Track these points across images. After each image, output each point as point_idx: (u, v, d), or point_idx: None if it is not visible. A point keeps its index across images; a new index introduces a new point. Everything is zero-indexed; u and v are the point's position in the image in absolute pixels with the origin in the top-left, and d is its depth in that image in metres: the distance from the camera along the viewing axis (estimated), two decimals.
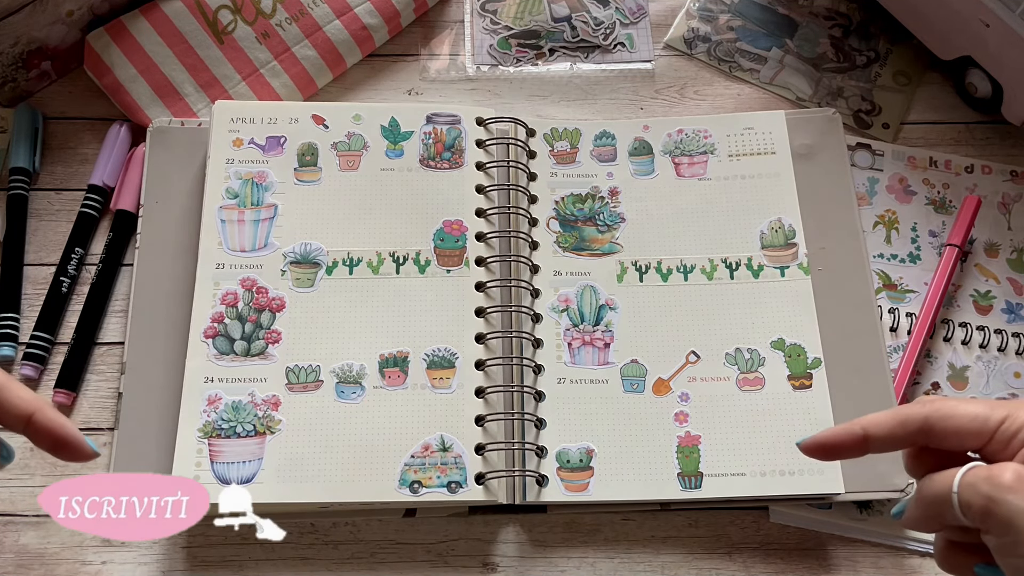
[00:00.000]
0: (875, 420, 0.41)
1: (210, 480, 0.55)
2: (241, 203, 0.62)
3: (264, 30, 0.69)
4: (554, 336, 0.61)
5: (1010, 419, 0.39)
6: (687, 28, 0.75)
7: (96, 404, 0.61)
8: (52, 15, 0.65)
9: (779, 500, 0.58)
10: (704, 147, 0.67)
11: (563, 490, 0.57)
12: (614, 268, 0.63)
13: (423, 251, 0.62)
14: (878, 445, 0.41)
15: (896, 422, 0.41)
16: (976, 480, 0.37)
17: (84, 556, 0.57)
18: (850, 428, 0.42)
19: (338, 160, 0.64)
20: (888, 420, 0.41)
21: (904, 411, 0.41)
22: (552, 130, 0.67)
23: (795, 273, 0.63)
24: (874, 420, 0.41)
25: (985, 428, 0.39)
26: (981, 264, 0.66)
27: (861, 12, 0.75)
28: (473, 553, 0.58)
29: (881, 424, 0.41)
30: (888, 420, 0.41)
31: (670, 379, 0.60)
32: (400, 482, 0.56)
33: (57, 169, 0.68)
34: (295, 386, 0.58)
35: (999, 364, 0.63)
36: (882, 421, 0.41)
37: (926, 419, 0.40)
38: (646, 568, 0.58)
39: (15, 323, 0.62)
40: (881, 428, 0.41)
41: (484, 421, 0.58)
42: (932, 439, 0.40)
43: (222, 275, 0.61)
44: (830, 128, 0.67)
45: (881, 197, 0.68)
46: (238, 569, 0.57)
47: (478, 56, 0.73)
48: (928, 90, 0.73)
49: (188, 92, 0.67)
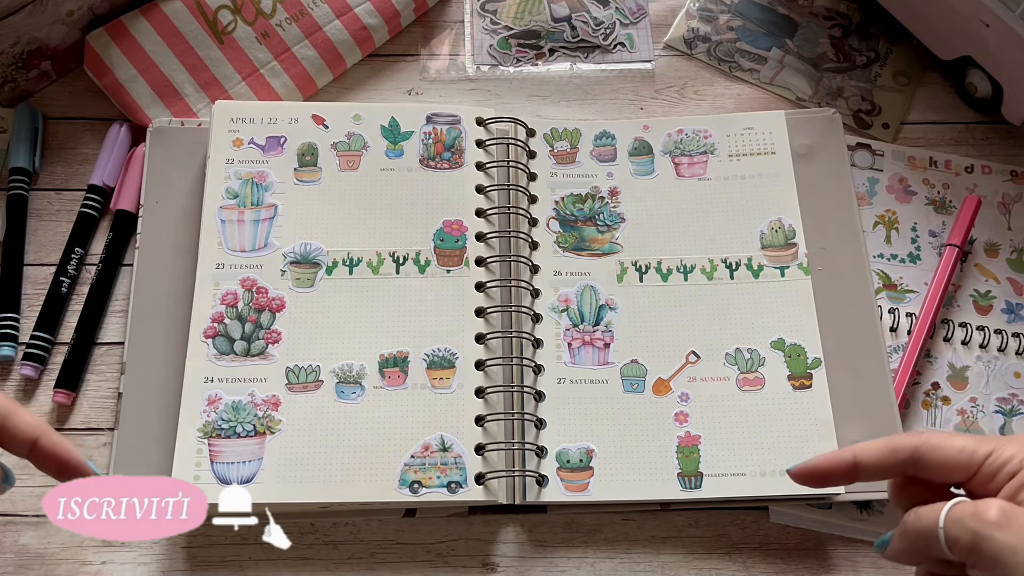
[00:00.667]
0: (866, 448, 0.42)
1: (210, 480, 0.55)
2: (241, 203, 0.62)
3: (264, 30, 0.69)
4: (554, 336, 0.61)
5: (995, 454, 0.40)
6: (687, 28, 0.74)
7: (96, 404, 0.61)
8: (52, 15, 0.65)
9: (779, 500, 0.58)
10: (704, 147, 0.67)
11: (563, 490, 0.57)
12: (614, 268, 0.63)
13: (423, 251, 0.62)
14: (868, 473, 0.42)
15: (887, 450, 0.42)
16: (963, 516, 0.38)
17: (84, 556, 0.57)
18: (840, 455, 0.43)
19: (338, 160, 0.64)
20: (878, 448, 0.42)
21: (894, 440, 0.42)
22: (552, 130, 0.67)
23: (795, 273, 0.63)
24: (865, 448, 0.42)
25: (971, 462, 0.40)
26: (981, 264, 0.66)
27: (861, 12, 0.75)
28: (473, 553, 0.58)
29: (871, 452, 0.42)
30: (878, 448, 0.42)
31: (670, 379, 0.60)
32: (400, 482, 0.56)
33: (57, 169, 0.68)
34: (295, 386, 0.58)
35: (999, 364, 0.63)
36: (872, 449, 0.42)
37: (916, 448, 0.41)
38: (646, 568, 0.58)
39: (15, 323, 0.62)
40: (871, 456, 0.42)
41: (484, 421, 0.58)
42: (920, 469, 0.41)
43: (222, 275, 0.61)
44: (830, 128, 0.67)
45: (881, 197, 0.68)
46: (238, 569, 0.57)
47: (478, 56, 0.73)
48: (928, 90, 0.73)
49: (188, 92, 0.67)
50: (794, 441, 0.58)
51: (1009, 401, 0.62)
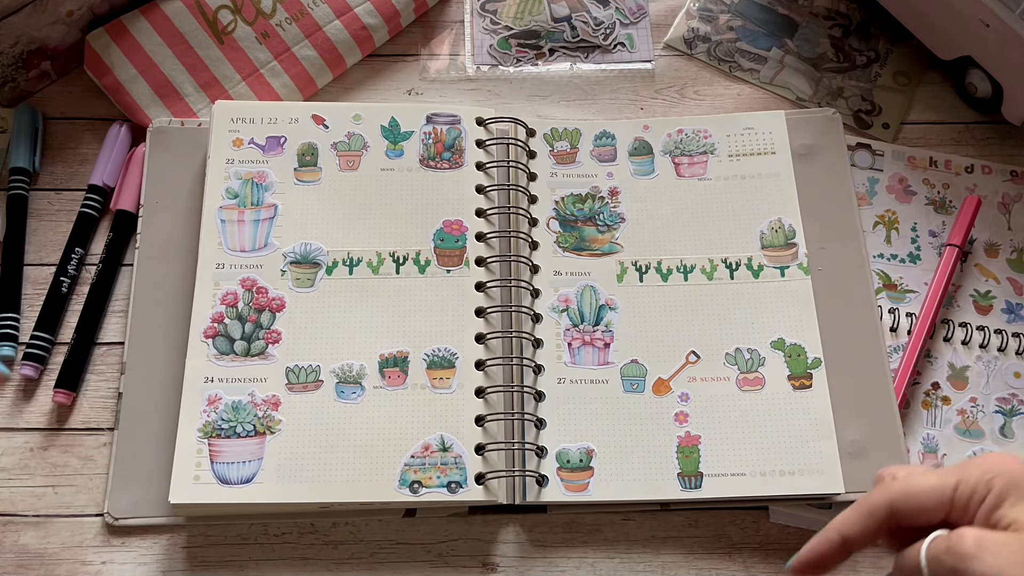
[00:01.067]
0: (845, 521, 0.42)
1: (210, 480, 0.55)
2: (241, 203, 0.62)
3: (264, 30, 0.69)
4: (554, 336, 0.61)
5: (962, 484, 0.40)
6: (687, 28, 0.75)
7: (96, 404, 0.61)
8: (52, 15, 0.65)
9: (779, 500, 0.58)
10: (704, 147, 0.67)
11: (563, 490, 0.57)
12: (614, 268, 0.63)
13: (423, 251, 0.62)
14: (859, 543, 0.42)
15: (864, 516, 0.41)
16: (939, 553, 0.39)
17: (84, 556, 0.57)
18: (826, 537, 0.42)
19: (338, 160, 0.64)
20: (857, 517, 0.42)
21: (868, 503, 0.41)
22: (552, 130, 0.67)
23: (795, 273, 0.63)
24: (845, 522, 0.42)
25: (943, 498, 0.40)
26: (981, 264, 0.66)
27: (861, 12, 0.75)
28: (473, 553, 0.58)
29: (852, 523, 0.42)
30: (857, 517, 0.42)
31: (670, 379, 0.60)
32: (400, 482, 0.56)
33: (57, 169, 0.68)
34: (295, 386, 0.58)
35: (999, 364, 0.63)
36: (852, 520, 0.42)
37: (890, 504, 0.41)
38: (646, 568, 0.58)
39: (15, 323, 0.62)
40: (854, 527, 0.42)
41: (484, 421, 0.58)
42: (902, 521, 0.41)
43: (222, 275, 0.61)
44: (830, 128, 0.67)
45: (881, 197, 0.68)
46: (238, 569, 0.57)
47: (478, 56, 0.73)
48: (928, 90, 0.73)
49: (188, 92, 0.67)
50: (794, 441, 0.58)
51: (1009, 401, 0.62)
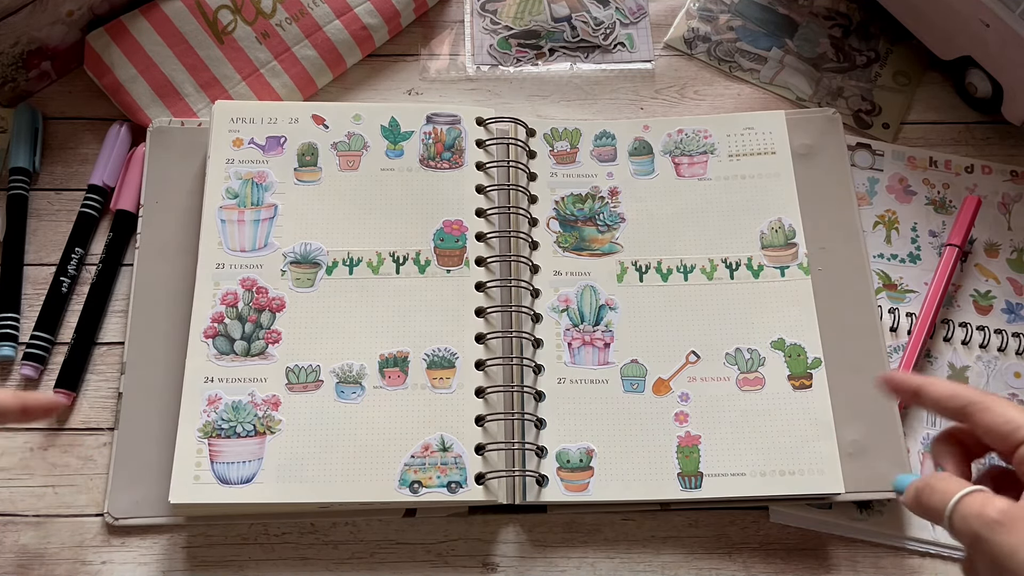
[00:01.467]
0: (935, 383, 0.46)
1: (210, 480, 0.55)
2: (241, 203, 0.62)
3: (264, 30, 0.69)
4: (554, 336, 0.61)
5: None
6: (687, 28, 0.75)
7: (96, 404, 0.61)
8: (52, 15, 0.65)
9: (779, 500, 0.58)
10: (704, 147, 0.67)
11: (563, 490, 0.57)
12: (614, 268, 0.63)
13: (423, 251, 0.62)
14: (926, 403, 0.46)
15: (949, 392, 0.45)
16: (967, 513, 0.40)
17: (84, 556, 0.57)
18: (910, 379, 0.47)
19: (338, 160, 0.64)
20: (944, 388, 0.46)
21: (960, 388, 0.45)
22: (552, 130, 0.67)
23: (795, 273, 0.63)
24: (934, 382, 0.46)
25: (1012, 437, 0.42)
26: (981, 264, 0.66)
27: (861, 12, 0.75)
28: (473, 553, 0.58)
29: (937, 388, 0.46)
30: (944, 388, 0.46)
31: (670, 379, 0.60)
32: (400, 482, 0.56)
33: (57, 169, 0.68)
34: (295, 386, 0.58)
35: (999, 364, 0.63)
36: (939, 386, 0.46)
37: (970, 403, 0.43)
38: (646, 568, 0.58)
39: (15, 323, 0.62)
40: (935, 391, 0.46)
41: (484, 421, 0.58)
42: (967, 422, 0.44)
43: (222, 275, 0.61)
44: (830, 128, 0.67)
45: (881, 197, 0.68)
46: (238, 569, 0.57)
47: (478, 56, 0.73)
48: (928, 90, 0.73)
49: (188, 92, 0.67)
50: (794, 441, 0.58)
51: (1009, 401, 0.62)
